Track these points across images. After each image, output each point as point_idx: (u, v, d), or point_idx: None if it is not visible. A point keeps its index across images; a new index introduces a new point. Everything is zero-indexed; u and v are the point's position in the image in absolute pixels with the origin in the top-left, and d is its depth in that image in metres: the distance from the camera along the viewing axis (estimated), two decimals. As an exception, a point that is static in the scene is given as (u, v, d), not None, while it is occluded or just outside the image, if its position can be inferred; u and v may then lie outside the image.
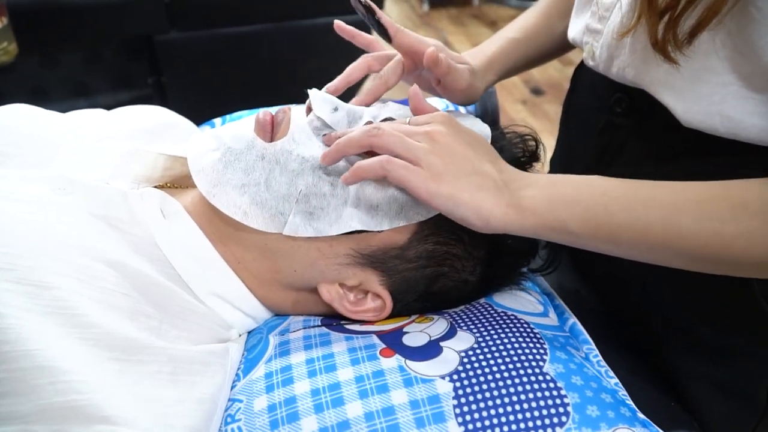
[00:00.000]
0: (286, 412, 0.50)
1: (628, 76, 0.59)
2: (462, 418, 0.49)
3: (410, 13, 3.57)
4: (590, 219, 0.51)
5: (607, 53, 0.61)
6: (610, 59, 0.61)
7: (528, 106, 2.64)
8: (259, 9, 1.80)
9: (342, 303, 0.60)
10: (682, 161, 0.58)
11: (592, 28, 0.63)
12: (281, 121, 0.60)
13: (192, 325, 0.56)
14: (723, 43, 0.49)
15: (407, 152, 0.52)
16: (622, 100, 0.63)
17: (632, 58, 0.58)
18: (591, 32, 0.64)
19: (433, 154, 0.52)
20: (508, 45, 0.76)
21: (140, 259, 0.56)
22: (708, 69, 0.51)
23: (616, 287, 0.71)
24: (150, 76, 1.76)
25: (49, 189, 0.57)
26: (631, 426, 0.50)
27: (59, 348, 0.44)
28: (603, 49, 0.61)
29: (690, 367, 0.64)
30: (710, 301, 0.61)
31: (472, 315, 0.60)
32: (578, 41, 0.67)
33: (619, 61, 0.59)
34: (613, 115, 0.64)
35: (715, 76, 0.51)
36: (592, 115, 0.68)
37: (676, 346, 0.65)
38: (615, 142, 0.64)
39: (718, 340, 0.61)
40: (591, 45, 0.64)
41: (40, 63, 1.69)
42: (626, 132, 0.63)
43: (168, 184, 0.69)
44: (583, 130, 0.71)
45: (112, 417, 0.43)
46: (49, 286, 0.47)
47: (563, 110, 0.79)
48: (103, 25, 1.67)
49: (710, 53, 0.50)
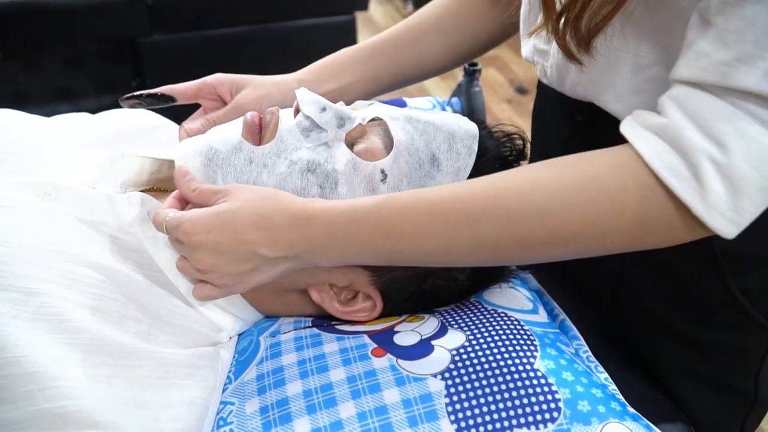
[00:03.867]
0: (278, 413, 0.50)
1: (579, 93, 0.61)
2: (454, 416, 0.49)
3: (394, 14, 3.57)
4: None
5: (557, 73, 0.63)
6: (561, 78, 0.63)
7: (513, 105, 2.65)
8: (242, 11, 1.79)
9: (332, 304, 0.60)
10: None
11: (540, 48, 0.65)
12: (269, 123, 0.60)
13: (181, 329, 0.56)
14: (635, 36, 0.52)
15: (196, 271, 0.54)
16: (582, 110, 0.64)
17: (580, 75, 0.59)
18: (539, 53, 0.66)
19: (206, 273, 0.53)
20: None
21: (128, 264, 0.55)
22: (634, 70, 0.53)
23: (596, 283, 0.71)
24: (134, 79, 1.75)
25: (34, 194, 0.56)
26: (622, 420, 0.50)
27: (47, 354, 0.44)
28: (553, 69, 0.63)
29: (674, 362, 0.65)
30: (688, 295, 0.62)
31: (462, 313, 0.60)
32: (530, 60, 0.69)
33: (570, 79, 0.61)
34: (576, 124, 0.66)
35: (640, 73, 0.53)
36: (558, 124, 0.69)
37: (659, 341, 0.66)
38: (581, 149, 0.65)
39: (698, 334, 0.62)
40: (542, 65, 0.66)
41: (22, 67, 1.67)
42: (590, 138, 0.63)
43: (155, 187, 0.69)
44: (550, 138, 0.73)
45: (102, 422, 0.43)
46: (35, 292, 0.46)
47: (533, 117, 0.80)
48: (86, 28, 1.66)
49: (624, 58, 0.53)
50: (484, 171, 0.61)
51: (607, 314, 0.71)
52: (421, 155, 0.59)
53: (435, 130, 0.61)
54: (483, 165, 0.62)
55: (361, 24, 2.11)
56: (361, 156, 0.58)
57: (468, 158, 0.60)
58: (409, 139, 0.59)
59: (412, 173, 0.58)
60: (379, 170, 0.58)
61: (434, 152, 0.60)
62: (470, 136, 0.61)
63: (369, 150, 0.59)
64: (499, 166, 0.63)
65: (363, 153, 0.59)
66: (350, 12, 1.90)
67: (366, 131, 0.61)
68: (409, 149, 0.59)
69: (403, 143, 0.59)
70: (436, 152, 0.60)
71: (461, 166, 0.60)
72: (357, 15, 1.92)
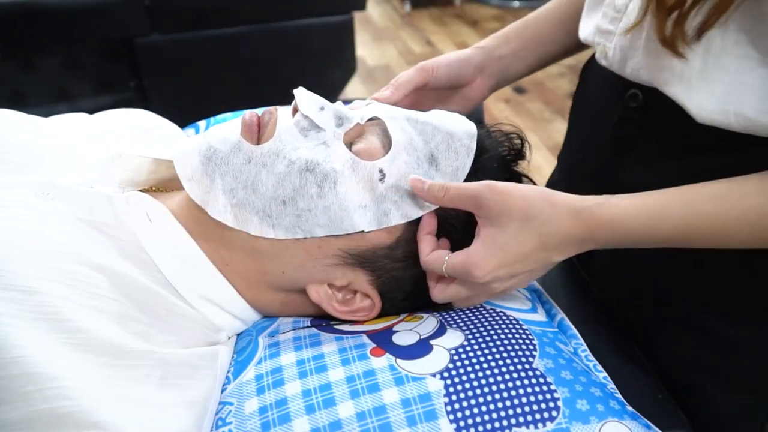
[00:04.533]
0: (277, 413, 0.50)
1: (643, 76, 0.59)
2: (453, 416, 0.49)
3: (392, 14, 3.57)
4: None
5: (621, 54, 0.61)
6: (624, 60, 0.61)
7: (511, 105, 2.65)
8: (240, 11, 1.79)
9: (331, 303, 0.60)
10: (695, 156, 0.58)
11: (604, 29, 0.63)
12: (268, 122, 0.60)
13: (180, 329, 0.56)
14: (736, 42, 0.50)
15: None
16: (636, 96, 0.63)
17: (646, 59, 0.58)
18: (602, 33, 0.64)
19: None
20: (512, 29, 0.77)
21: (127, 264, 0.55)
22: (722, 68, 0.52)
23: (617, 278, 0.71)
24: (131, 79, 1.74)
25: (32, 194, 0.56)
26: (621, 419, 0.50)
27: (46, 354, 0.44)
28: (616, 50, 0.62)
29: (696, 359, 0.64)
30: (717, 290, 0.61)
31: (461, 312, 0.60)
32: (590, 41, 0.67)
33: (633, 62, 0.60)
34: (627, 110, 0.64)
35: (728, 75, 0.51)
36: (606, 110, 0.68)
37: (682, 337, 0.65)
38: (629, 136, 0.65)
39: (726, 332, 0.61)
40: (603, 45, 0.64)
41: (20, 67, 1.67)
42: (640, 127, 0.63)
43: (153, 187, 0.69)
44: (596, 125, 0.71)
45: (101, 423, 0.43)
46: (35, 292, 0.46)
47: (573, 105, 0.79)
48: (83, 28, 1.65)
49: (723, 52, 0.51)
50: (482, 170, 0.62)
51: (628, 310, 0.70)
52: (419, 155, 0.59)
53: (433, 130, 0.61)
54: (481, 164, 0.62)
55: (358, 23, 2.11)
56: (360, 155, 0.58)
57: (466, 158, 0.61)
58: (408, 139, 0.59)
59: (411, 173, 0.58)
60: (377, 169, 0.58)
61: (433, 152, 0.60)
62: (469, 135, 0.61)
63: (367, 149, 0.59)
64: (497, 166, 0.63)
65: (361, 152, 0.59)
66: (348, 12, 1.90)
67: (364, 131, 0.61)
68: (408, 149, 0.59)
69: (401, 143, 0.59)
70: (435, 152, 0.60)
71: (459, 166, 0.60)
72: (355, 15, 1.92)
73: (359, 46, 2.25)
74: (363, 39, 3.19)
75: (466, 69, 0.72)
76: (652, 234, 0.53)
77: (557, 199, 0.54)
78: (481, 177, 0.61)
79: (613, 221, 0.52)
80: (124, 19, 1.65)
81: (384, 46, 3.19)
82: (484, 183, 0.55)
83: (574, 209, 0.53)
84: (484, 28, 3.33)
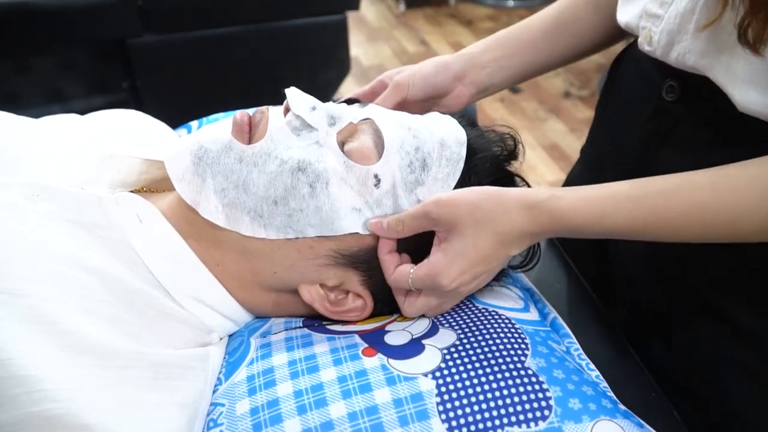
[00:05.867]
0: (268, 414, 0.50)
1: (689, 62, 0.58)
2: (445, 415, 0.49)
3: (387, 14, 3.57)
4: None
5: (667, 39, 0.60)
6: (670, 44, 0.60)
7: (506, 104, 2.66)
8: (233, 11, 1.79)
9: (323, 303, 0.60)
10: (730, 148, 0.57)
11: (652, 12, 0.62)
12: (259, 122, 0.60)
13: (172, 330, 0.55)
14: None
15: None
16: (672, 87, 0.62)
17: (695, 43, 0.57)
18: (650, 17, 0.62)
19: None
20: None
21: (118, 265, 0.55)
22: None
23: (641, 262, 0.70)
24: (124, 80, 1.74)
25: (22, 196, 0.56)
26: (613, 417, 0.50)
27: (36, 356, 0.44)
28: (663, 35, 0.60)
29: (723, 352, 0.63)
30: (750, 283, 0.60)
31: (453, 312, 0.60)
32: (633, 26, 0.65)
33: (680, 46, 0.59)
34: (663, 102, 0.64)
35: None
36: (640, 102, 0.67)
37: (704, 327, 0.64)
38: (664, 128, 0.64)
39: (758, 328, 0.60)
40: (648, 30, 0.62)
41: (12, 69, 1.66)
42: (676, 117, 0.63)
43: (144, 188, 0.68)
44: (629, 117, 0.70)
45: (91, 425, 0.43)
46: (25, 294, 0.46)
47: (601, 99, 0.79)
48: (76, 29, 1.65)
49: None
50: (474, 170, 0.62)
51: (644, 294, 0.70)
52: (412, 158, 0.59)
53: (426, 133, 0.61)
54: (474, 164, 0.62)
55: (352, 23, 2.11)
56: (352, 154, 0.58)
57: (456, 164, 0.61)
58: (401, 141, 0.59)
59: (405, 177, 0.58)
60: (372, 175, 0.58)
61: (425, 157, 0.60)
62: (459, 143, 0.62)
63: (360, 149, 0.59)
64: (489, 166, 0.63)
65: (354, 152, 0.59)
66: (341, 11, 1.90)
67: (357, 130, 0.61)
68: (400, 151, 0.59)
69: (393, 144, 0.59)
70: (427, 157, 0.60)
71: (450, 173, 0.60)
72: (348, 14, 1.92)
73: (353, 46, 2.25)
74: (357, 39, 3.18)
75: (444, 78, 0.71)
76: (599, 227, 0.53)
77: (507, 198, 0.55)
78: (473, 177, 0.61)
79: (561, 215, 0.53)
80: (117, 19, 1.65)
81: (378, 45, 3.19)
82: (430, 200, 0.56)
83: (524, 204, 0.54)
84: (479, 28, 3.33)
